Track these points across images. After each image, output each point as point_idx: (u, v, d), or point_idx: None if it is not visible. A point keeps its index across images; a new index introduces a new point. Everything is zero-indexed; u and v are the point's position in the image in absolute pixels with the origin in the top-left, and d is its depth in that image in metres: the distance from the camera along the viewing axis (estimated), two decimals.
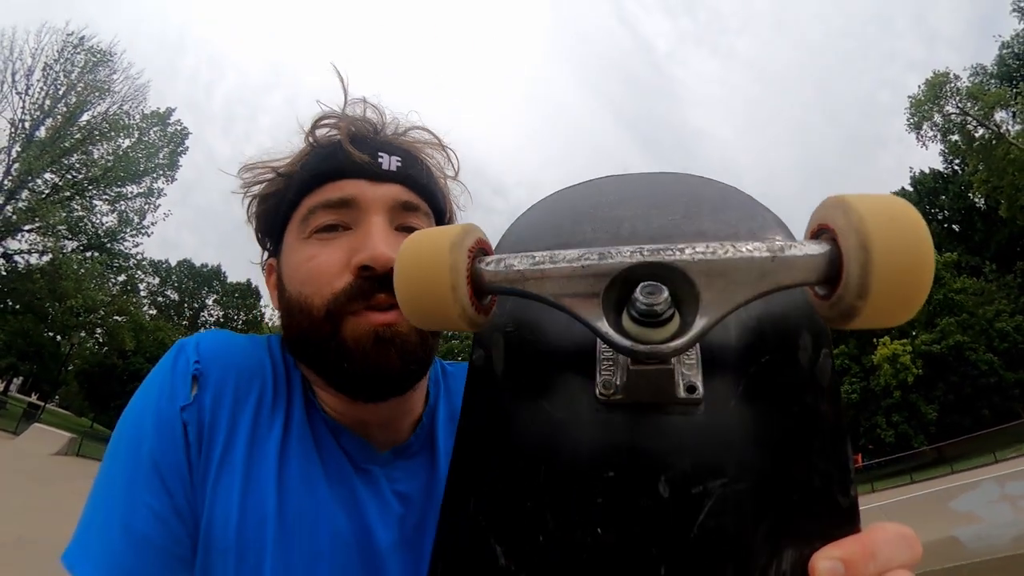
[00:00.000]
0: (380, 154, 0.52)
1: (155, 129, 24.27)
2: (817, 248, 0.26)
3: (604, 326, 0.26)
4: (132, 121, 22.80)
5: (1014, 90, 21.51)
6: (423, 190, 0.54)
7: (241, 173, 0.57)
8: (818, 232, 0.27)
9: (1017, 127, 20.94)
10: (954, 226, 29.64)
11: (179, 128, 25.48)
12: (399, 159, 0.53)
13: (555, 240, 0.36)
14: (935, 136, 22.95)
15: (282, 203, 0.54)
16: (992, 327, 20.12)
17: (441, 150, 0.59)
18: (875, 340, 21.00)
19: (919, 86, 22.75)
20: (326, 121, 0.54)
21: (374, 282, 0.47)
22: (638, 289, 0.25)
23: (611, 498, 0.27)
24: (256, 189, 0.57)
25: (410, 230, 0.50)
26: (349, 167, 0.50)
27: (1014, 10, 24.17)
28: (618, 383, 0.29)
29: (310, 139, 0.54)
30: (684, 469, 0.27)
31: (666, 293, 0.25)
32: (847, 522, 0.26)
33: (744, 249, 0.25)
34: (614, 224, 0.37)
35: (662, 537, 0.26)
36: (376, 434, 0.53)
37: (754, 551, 0.26)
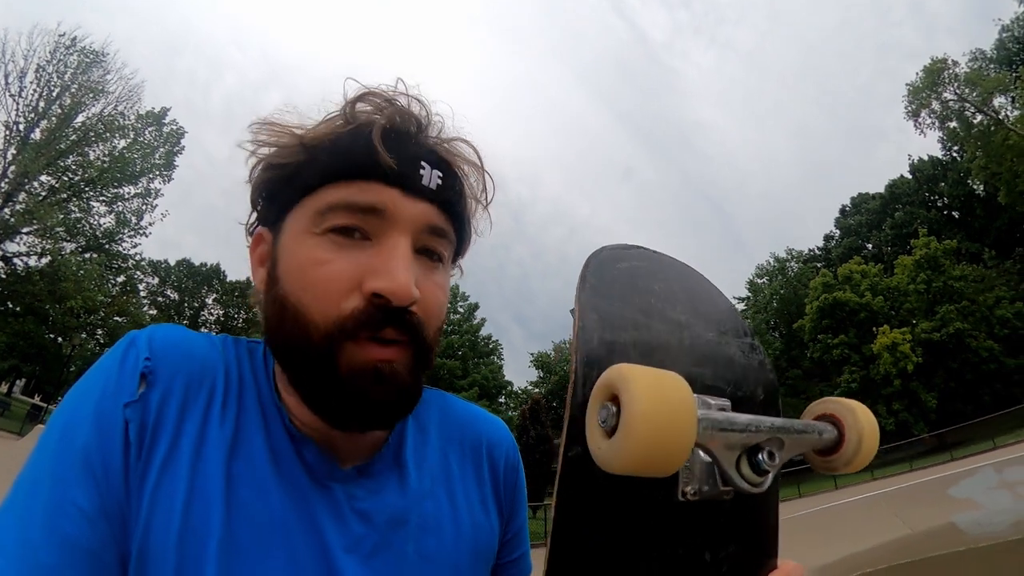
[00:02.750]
0: (423, 164, 0.47)
1: (150, 129, 24.22)
2: (832, 433, 0.43)
3: (735, 473, 0.38)
4: (127, 122, 22.75)
5: (1013, 75, 21.38)
6: (456, 216, 0.50)
7: (254, 128, 0.49)
8: (823, 417, 0.44)
9: (1016, 112, 20.79)
10: (953, 213, 29.66)
11: (175, 128, 25.43)
12: (440, 175, 0.48)
13: (640, 335, 0.45)
14: (933, 123, 22.86)
15: (296, 178, 0.47)
16: (992, 314, 20.11)
17: (480, 173, 0.53)
18: (875, 329, 21.01)
19: (917, 73, 22.61)
20: (369, 98, 0.48)
21: (386, 313, 0.43)
22: (764, 453, 0.38)
23: (678, 564, 0.42)
24: (267, 151, 0.49)
25: (430, 253, 0.48)
26: (386, 170, 0.45)
27: None
28: (693, 489, 0.41)
29: (346, 112, 0.47)
30: (719, 539, 0.44)
31: (777, 459, 0.38)
32: (775, 559, 0.47)
33: (812, 429, 0.42)
34: (678, 330, 0.47)
35: None
36: (341, 450, 0.50)
37: None
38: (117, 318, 23.56)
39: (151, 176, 23.79)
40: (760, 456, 0.38)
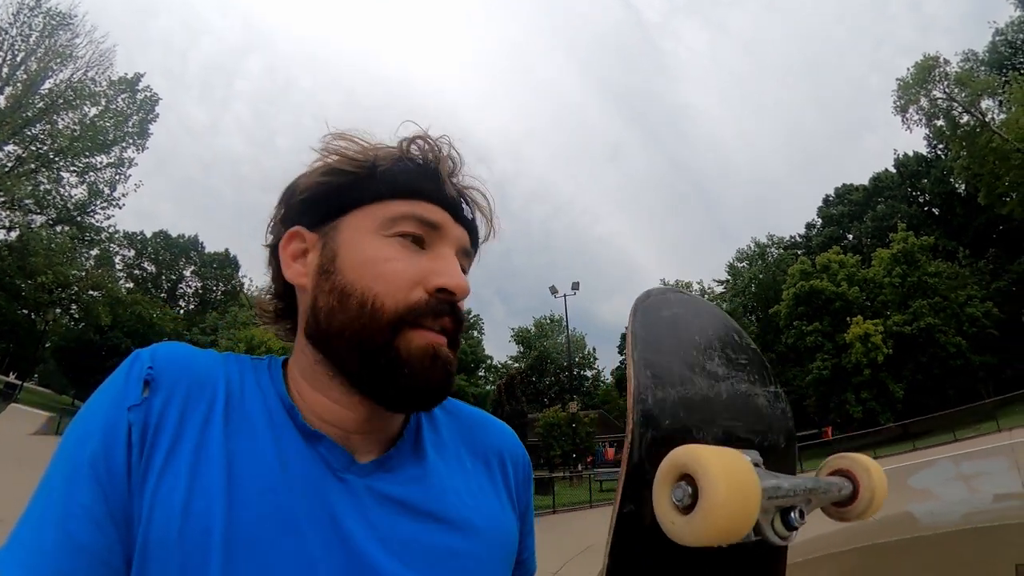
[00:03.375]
0: (463, 200, 0.57)
1: (123, 96, 23.20)
2: (848, 488, 0.49)
3: (770, 530, 0.43)
4: (98, 88, 21.74)
5: (1003, 78, 21.50)
6: (475, 242, 0.60)
7: (328, 137, 0.56)
8: (839, 472, 0.51)
9: (1002, 116, 20.96)
10: (934, 209, 30.14)
11: (149, 95, 24.39)
12: (470, 211, 0.58)
13: (685, 391, 0.51)
14: (920, 120, 23.10)
15: (364, 187, 0.54)
16: (963, 311, 20.63)
17: (489, 217, 0.61)
18: (848, 319, 21.51)
19: (908, 69, 22.67)
20: (421, 140, 0.56)
21: (447, 306, 0.51)
22: (796, 512, 0.43)
23: None
24: (335, 159, 0.55)
25: (460, 267, 0.55)
26: (444, 197, 0.54)
27: None
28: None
29: (403, 146, 0.55)
30: None
31: (806, 517, 0.44)
32: None
33: (833, 487, 0.48)
34: (716, 384, 0.53)
35: None
36: (359, 445, 0.52)
37: None
38: (92, 292, 22.94)
39: (124, 145, 22.94)
40: (792, 515, 0.43)
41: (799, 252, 31.83)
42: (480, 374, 37.99)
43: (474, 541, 0.52)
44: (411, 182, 0.53)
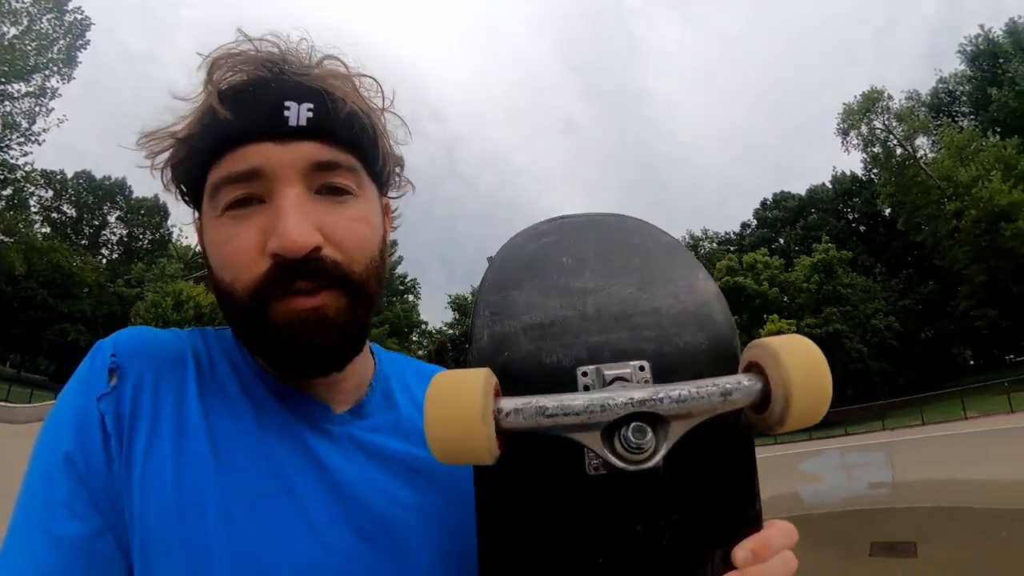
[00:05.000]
0: (287, 103, 0.45)
1: (49, 17, 20.89)
2: (753, 387, 0.36)
3: (605, 452, 0.35)
4: (19, 5, 19.46)
5: (938, 122, 23.54)
6: (344, 142, 0.48)
7: (141, 143, 0.49)
8: (750, 367, 0.38)
9: (932, 155, 23.02)
10: (860, 227, 32.68)
11: (79, 17, 22.07)
12: (310, 106, 0.46)
13: (532, 318, 0.43)
14: (859, 144, 25.04)
15: (191, 174, 0.49)
16: (869, 322, 22.89)
17: (362, 80, 0.51)
18: (766, 316, 23.25)
19: (855, 96, 24.35)
20: (221, 63, 0.47)
21: (291, 269, 0.44)
22: (630, 428, 0.35)
23: (604, 540, 0.40)
24: (163, 158, 0.50)
25: (334, 190, 0.47)
26: (249, 128, 0.45)
27: (959, 51, 26.05)
28: (595, 464, 0.40)
29: (208, 87, 0.46)
30: (650, 511, 0.41)
31: (649, 435, 0.35)
32: (754, 525, 0.42)
33: (704, 393, 0.35)
34: (580, 299, 0.44)
35: (643, 555, 0.40)
36: (330, 396, 0.52)
37: (702, 554, 0.41)
38: (3, 238, 20.85)
39: (47, 73, 20.77)
40: (626, 433, 0.35)
41: (731, 248, 33.48)
42: (414, 338, 37.31)
43: (445, 483, 0.52)
44: (209, 139, 0.46)
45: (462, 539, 0.47)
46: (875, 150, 24.14)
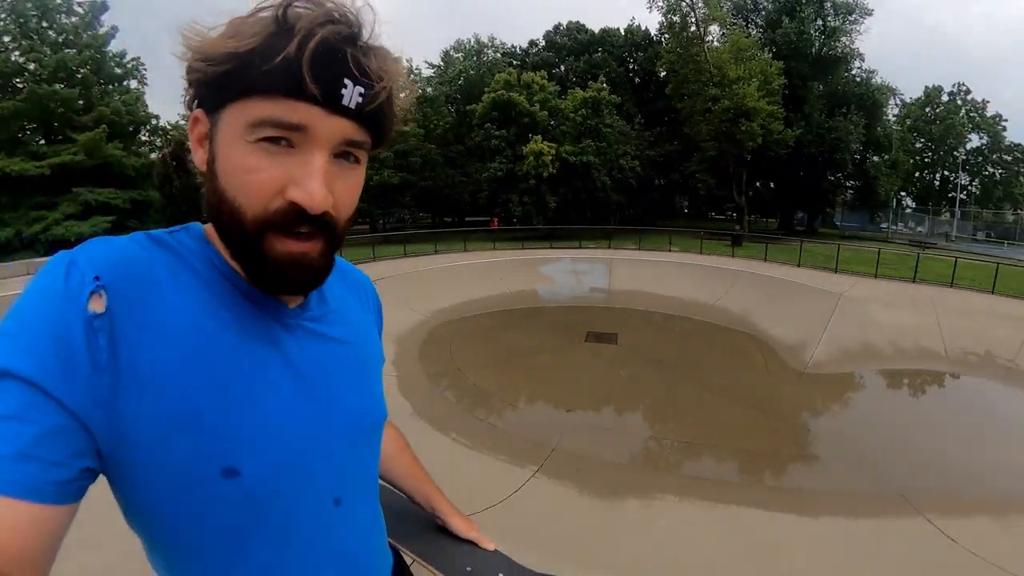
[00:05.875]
0: (345, 83, 0.50)
1: None
2: None
3: None
4: None
5: (734, 21, 25.24)
6: (373, 126, 0.54)
7: (184, 32, 0.50)
8: None
9: (717, 45, 24.90)
10: (636, 79, 34.89)
11: None
12: (361, 91, 0.51)
13: None
14: (663, 8, 25.24)
15: (230, 81, 0.50)
16: (617, 161, 25.79)
17: (406, 78, 0.56)
18: (531, 135, 24.35)
19: None
20: (301, 5, 0.49)
21: (301, 217, 0.51)
22: None
23: None
24: (201, 52, 0.50)
25: (347, 155, 0.54)
26: (309, 92, 0.48)
27: None
28: None
29: (278, 15, 0.49)
30: None
31: None
32: None
33: None
34: None
35: None
36: (288, 296, 0.61)
37: None
38: None
39: None
40: None
41: (514, 63, 32.79)
42: (143, 138, 26.35)
43: (366, 353, 0.70)
44: (272, 78, 0.48)
45: (369, 383, 0.68)
46: (674, 19, 25.07)
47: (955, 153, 35.21)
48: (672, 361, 10.38)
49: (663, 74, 29.08)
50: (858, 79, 28.27)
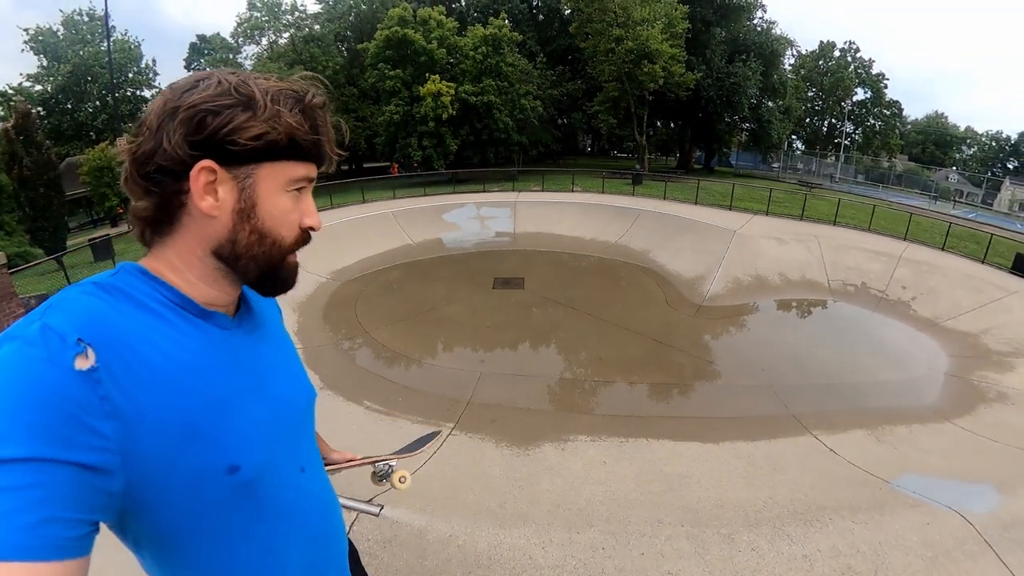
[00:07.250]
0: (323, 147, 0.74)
1: None
2: None
3: None
4: None
5: None
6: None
7: (267, 96, 0.66)
8: None
9: None
10: (540, 16, 33.39)
11: None
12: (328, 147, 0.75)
13: None
14: None
15: (280, 147, 0.67)
16: (519, 100, 24.86)
17: (335, 151, 0.78)
18: (428, 75, 22.78)
19: None
20: (320, 111, 0.71)
21: (308, 237, 0.76)
22: None
23: None
24: (279, 125, 0.67)
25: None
26: (322, 158, 0.73)
27: None
28: None
29: (310, 115, 0.70)
30: None
31: None
32: None
33: None
34: None
35: None
36: (226, 309, 0.75)
37: None
38: None
39: None
40: None
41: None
42: None
43: (286, 343, 0.88)
44: (310, 150, 0.70)
45: (299, 368, 0.87)
46: None
47: (842, 104, 39.08)
48: (578, 301, 10.43)
49: (568, 12, 28.16)
50: (759, 28, 29.34)
